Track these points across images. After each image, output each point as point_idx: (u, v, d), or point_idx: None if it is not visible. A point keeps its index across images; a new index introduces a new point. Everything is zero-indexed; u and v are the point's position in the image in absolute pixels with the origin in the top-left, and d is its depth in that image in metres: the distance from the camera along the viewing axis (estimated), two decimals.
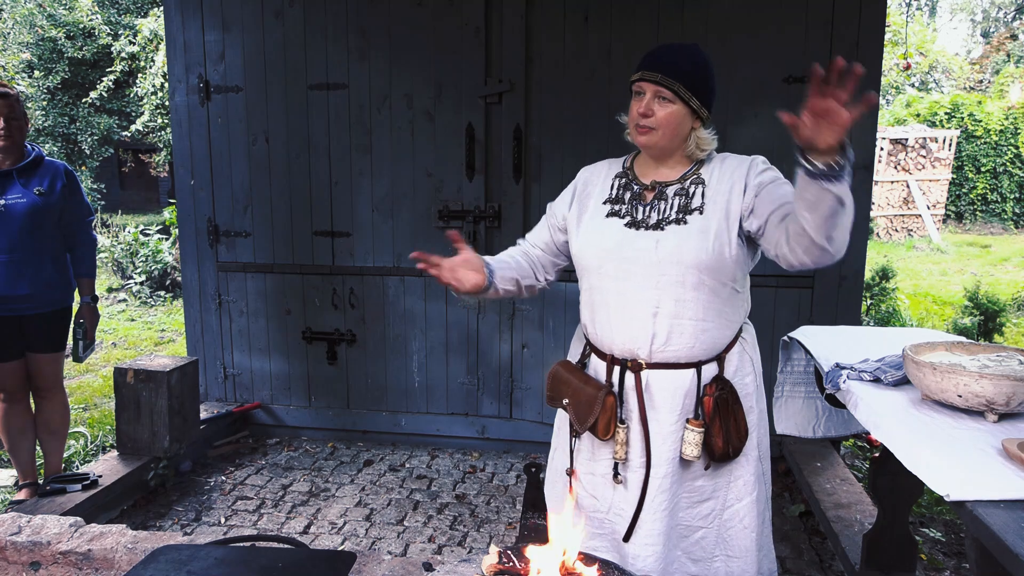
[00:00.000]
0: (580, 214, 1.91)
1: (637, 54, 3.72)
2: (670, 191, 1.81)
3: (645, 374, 1.80)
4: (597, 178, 1.94)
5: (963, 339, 2.10)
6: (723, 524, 1.90)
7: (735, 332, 1.86)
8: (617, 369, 1.82)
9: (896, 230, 14.32)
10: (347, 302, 4.20)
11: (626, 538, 1.83)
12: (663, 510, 1.81)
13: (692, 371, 1.80)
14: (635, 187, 1.86)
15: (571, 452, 1.93)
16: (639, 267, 1.76)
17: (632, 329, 1.78)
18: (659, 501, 1.81)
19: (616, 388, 1.82)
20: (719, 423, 1.79)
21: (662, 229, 1.76)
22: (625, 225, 1.81)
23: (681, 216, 1.77)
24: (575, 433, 1.89)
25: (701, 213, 1.76)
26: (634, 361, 1.80)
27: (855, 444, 4.18)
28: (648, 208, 1.81)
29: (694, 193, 1.79)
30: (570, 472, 1.92)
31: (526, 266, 2.00)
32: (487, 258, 1.94)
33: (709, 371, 1.82)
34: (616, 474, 1.84)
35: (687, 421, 1.79)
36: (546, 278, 2.04)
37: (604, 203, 1.88)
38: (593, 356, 1.90)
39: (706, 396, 1.79)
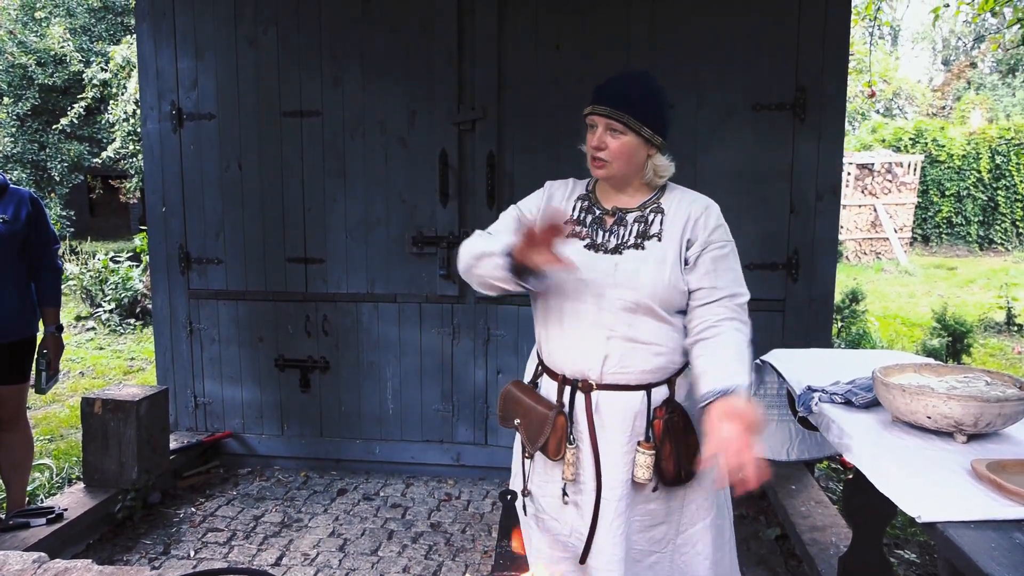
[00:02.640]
0: None
1: None
2: (630, 217, 1.84)
3: (595, 395, 1.80)
4: (561, 195, 1.95)
5: (931, 361, 2.14)
6: (676, 549, 1.88)
7: (686, 357, 1.84)
8: (568, 389, 1.83)
9: (865, 253, 14.56)
10: (320, 329, 4.17)
11: (582, 560, 1.82)
12: (621, 534, 1.80)
13: (642, 393, 1.80)
14: (596, 211, 1.88)
15: (524, 473, 1.92)
16: (596, 289, 1.77)
17: (585, 350, 1.79)
18: (616, 525, 1.79)
19: (567, 408, 1.82)
20: (670, 446, 1.78)
21: (620, 253, 1.79)
22: (585, 247, 1.83)
23: (639, 242, 1.79)
24: (528, 454, 1.88)
25: (659, 240, 1.79)
26: (585, 382, 1.80)
27: (829, 466, 4.21)
28: (608, 233, 1.83)
29: (652, 221, 1.81)
30: (525, 492, 1.91)
31: None
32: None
33: (659, 394, 1.81)
34: (564, 495, 1.83)
35: (638, 444, 1.78)
36: None
37: (565, 223, 1.88)
38: (545, 376, 1.90)
39: (656, 419, 1.79)
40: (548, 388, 1.88)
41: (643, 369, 1.78)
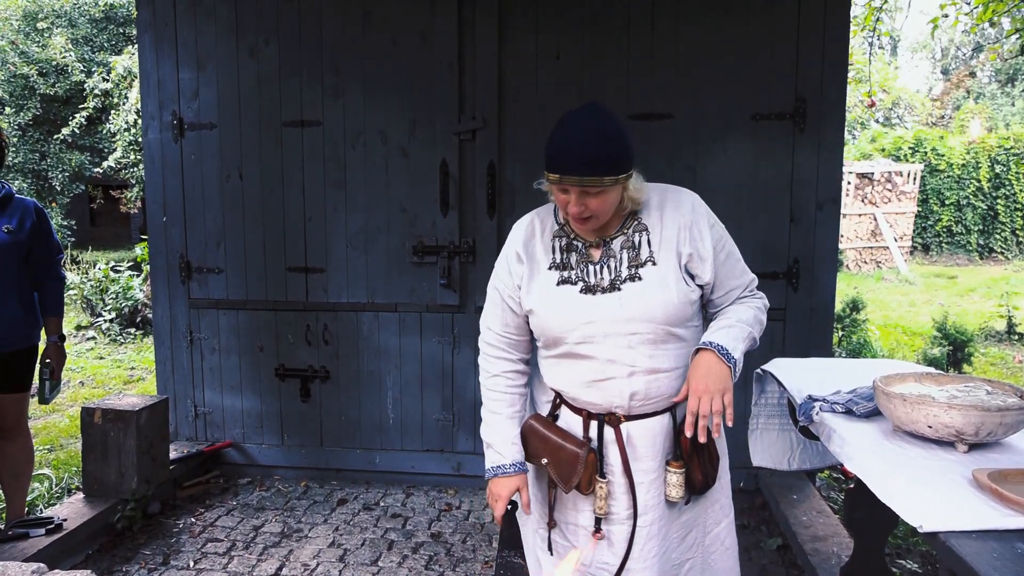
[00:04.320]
0: (530, 283, 1.81)
1: (609, 93, 3.79)
2: (616, 244, 1.77)
3: (625, 427, 1.77)
4: (534, 238, 1.85)
5: (932, 370, 2.13)
6: (706, 550, 1.90)
7: None
8: (595, 424, 1.78)
9: (865, 262, 14.57)
10: (321, 338, 4.17)
11: None
12: (654, 556, 1.78)
13: (668, 415, 1.79)
14: (579, 245, 1.80)
15: (551, 504, 1.87)
16: (606, 331, 1.71)
17: (609, 391, 1.74)
18: (649, 548, 1.78)
19: (595, 443, 1.78)
20: (697, 459, 1.78)
21: (619, 289, 1.73)
22: (580, 292, 1.75)
23: (633, 272, 1.73)
24: (555, 485, 1.83)
25: (654, 264, 1.73)
26: (612, 415, 1.77)
27: (830, 476, 4.20)
28: (599, 267, 1.76)
29: (640, 242, 1.76)
30: (551, 525, 1.87)
31: (520, 386, 1.91)
32: (516, 456, 1.85)
33: (682, 409, 1.79)
34: (597, 529, 1.80)
35: (667, 463, 1.78)
36: (530, 360, 1.96)
37: (551, 268, 1.80)
38: (565, 408, 1.84)
39: (683, 435, 1.76)
40: (569, 421, 1.83)
41: (668, 395, 1.77)
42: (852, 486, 2.50)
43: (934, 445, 1.77)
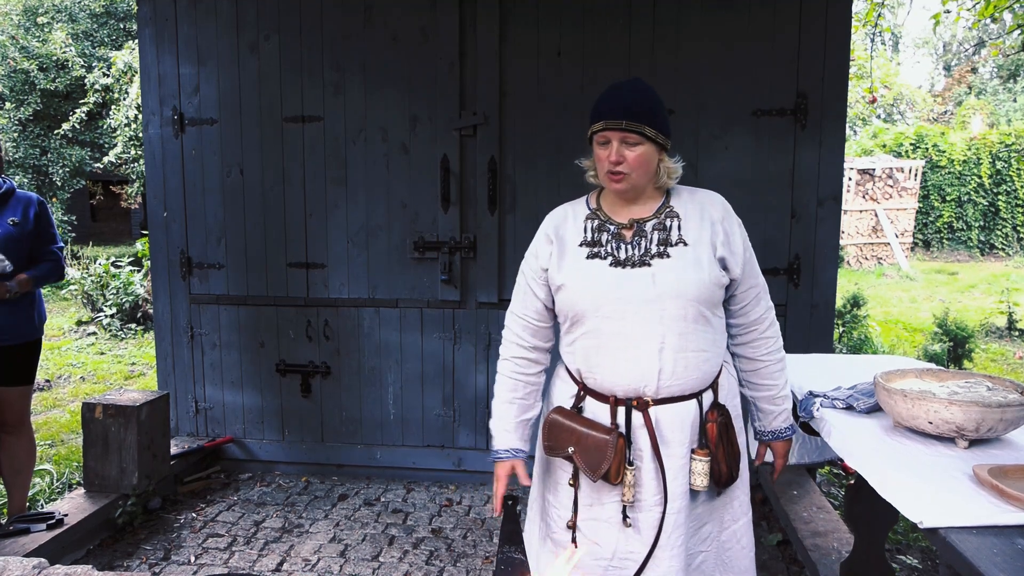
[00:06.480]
0: (560, 261, 1.86)
1: None
2: (648, 227, 1.81)
3: (653, 411, 1.77)
4: (566, 222, 1.91)
5: (933, 366, 2.13)
6: (722, 546, 1.90)
7: (723, 357, 1.87)
8: (622, 410, 1.79)
9: (866, 258, 14.56)
10: (321, 334, 4.17)
11: None
12: (679, 546, 1.79)
13: (694, 401, 1.80)
14: (611, 227, 1.84)
15: (575, 502, 1.86)
16: (637, 304, 1.74)
17: (639, 367, 1.75)
18: (675, 537, 1.78)
19: (623, 429, 1.78)
20: (723, 449, 1.80)
21: (649, 264, 1.76)
22: (610, 265, 1.79)
23: (663, 249, 1.77)
24: (575, 484, 1.83)
25: (685, 245, 1.78)
26: (640, 399, 1.77)
27: (831, 472, 4.20)
28: (629, 246, 1.80)
29: (671, 226, 1.80)
30: (571, 525, 1.86)
31: (527, 374, 1.96)
32: (517, 444, 1.98)
33: (707, 398, 1.82)
34: (625, 518, 1.80)
35: (692, 452, 1.79)
36: (548, 350, 2.00)
37: (581, 245, 1.84)
38: (589, 399, 1.84)
39: (709, 423, 1.79)
40: (595, 411, 1.83)
41: (695, 377, 1.77)
42: (852, 482, 2.51)
43: (935, 441, 1.77)
